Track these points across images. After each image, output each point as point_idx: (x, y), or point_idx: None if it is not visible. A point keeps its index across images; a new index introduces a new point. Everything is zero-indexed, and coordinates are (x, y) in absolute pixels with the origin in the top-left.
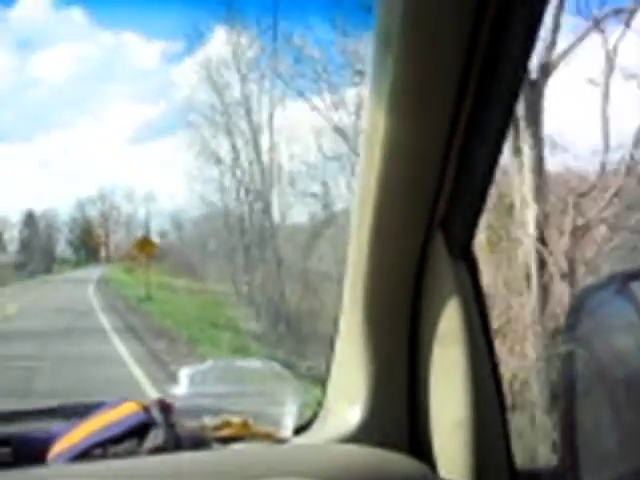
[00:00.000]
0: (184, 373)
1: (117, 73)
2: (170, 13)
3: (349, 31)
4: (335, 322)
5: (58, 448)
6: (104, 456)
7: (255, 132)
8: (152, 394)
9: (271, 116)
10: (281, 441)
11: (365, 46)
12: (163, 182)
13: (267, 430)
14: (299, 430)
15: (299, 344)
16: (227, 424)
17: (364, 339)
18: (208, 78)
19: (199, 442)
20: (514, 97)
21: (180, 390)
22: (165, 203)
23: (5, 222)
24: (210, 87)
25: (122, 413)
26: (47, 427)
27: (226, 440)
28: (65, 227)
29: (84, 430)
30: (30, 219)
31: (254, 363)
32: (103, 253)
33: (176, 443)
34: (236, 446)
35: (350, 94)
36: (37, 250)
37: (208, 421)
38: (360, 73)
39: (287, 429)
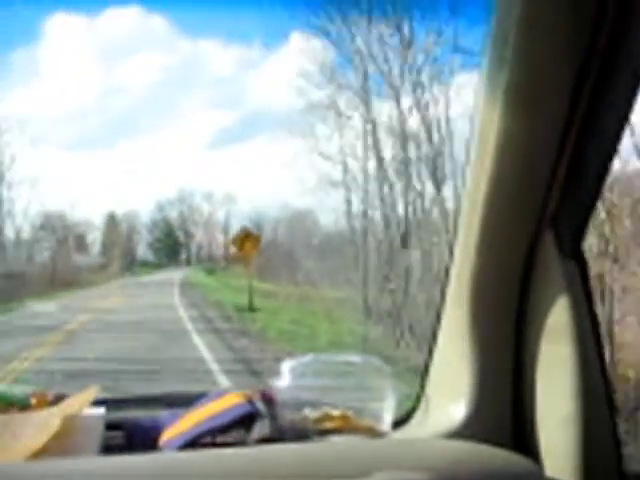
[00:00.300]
0: (286, 366)
1: (196, 80)
2: (247, 19)
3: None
4: (438, 317)
5: (168, 435)
6: (213, 445)
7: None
8: None
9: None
10: (380, 435)
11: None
12: (242, 185)
13: (366, 423)
14: (397, 424)
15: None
16: (327, 417)
17: (469, 335)
18: (286, 83)
19: (301, 434)
20: (630, 101)
21: (281, 382)
22: (244, 205)
23: (88, 225)
24: (288, 92)
25: (227, 404)
26: (153, 414)
27: (326, 433)
28: (145, 229)
29: (192, 419)
30: (112, 221)
31: (354, 357)
32: (183, 255)
33: (280, 434)
34: (337, 439)
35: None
36: (118, 252)
37: (309, 413)
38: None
39: (386, 423)
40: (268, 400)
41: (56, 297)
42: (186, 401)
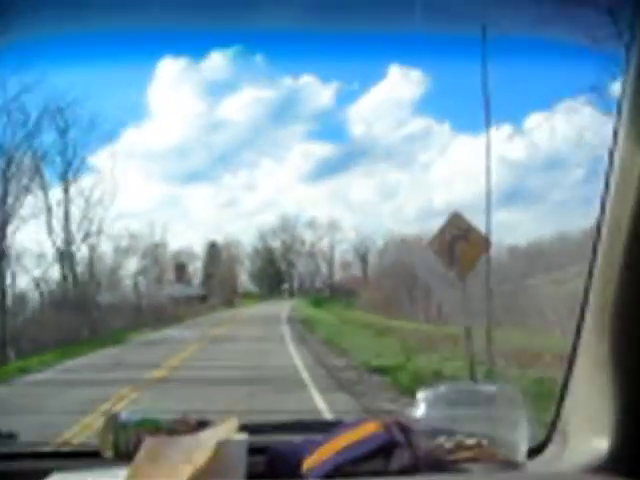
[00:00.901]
0: (420, 395)
1: (296, 114)
2: (344, 54)
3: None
4: (574, 346)
5: (310, 462)
6: (355, 474)
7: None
8: None
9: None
10: (515, 465)
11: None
12: (345, 214)
13: (501, 453)
14: (531, 453)
15: None
16: (462, 446)
17: (610, 367)
18: (383, 116)
19: (437, 463)
20: None
21: (416, 411)
22: (349, 233)
23: (191, 254)
24: (383, 125)
25: (366, 432)
26: (292, 439)
27: (461, 462)
28: (247, 259)
29: (333, 447)
30: (213, 250)
31: (488, 387)
32: (285, 285)
33: (417, 464)
34: (473, 469)
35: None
36: (219, 282)
37: (444, 442)
38: None
39: (521, 453)
40: (405, 429)
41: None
42: (323, 427)
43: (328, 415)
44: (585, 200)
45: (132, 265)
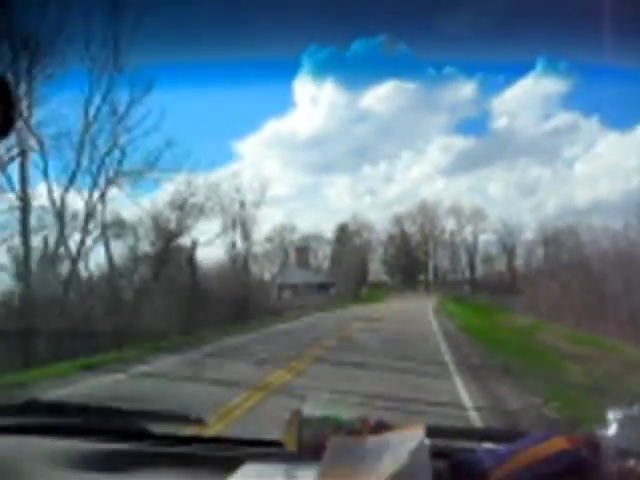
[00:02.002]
0: (613, 415)
1: (437, 106)
2: (490, 48)
3: None
4: None
5: (497, 474)
6: None
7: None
8: None
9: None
10: None
11: None
12: (490, 203)
13: None
14: None
15: None
16: None
17: None
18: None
19: None
20: None
21: (607, 430)
22: (494, 223)
23: (320, 239)
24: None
25: (554, 448)
26: (474, 446)
27: None
28: (380, 246)
29: (520, 460)
30: (343, 233)
31: None
32: (422, 277)
33: None
34: None
35: None
36: (346, 269)
37: (634, 466)
38: None
39: None
40: (594, 447)
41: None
42: (506, 436)
43: None
44: None
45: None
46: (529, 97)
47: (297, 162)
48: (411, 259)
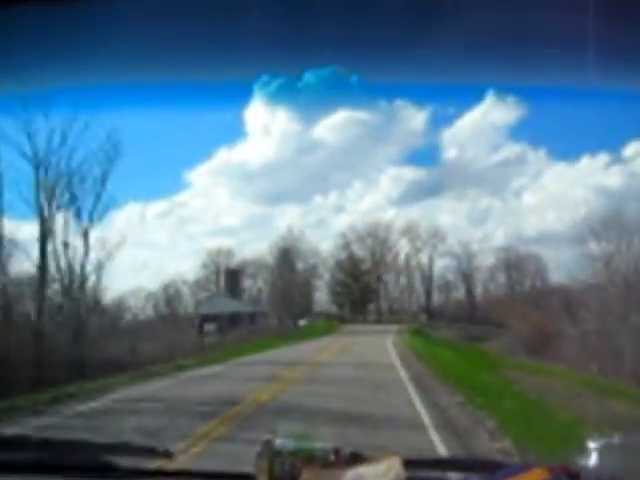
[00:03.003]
0: (592, 445)
1: (388, 137)
2: (440, 79)
3: None
4: None
5: None
6: None
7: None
8: None
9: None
10: None
11: None
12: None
13: None
14: None
15: None
16: None
17: None
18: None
19: None
20: None
21: (586, 460)
22: (453, 247)
23: (261, 266)
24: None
25: (533, 478)
26: (448, 476)
27: None
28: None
29: None
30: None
31: None
32: (373, 306)
33: None
34: None
35: None
36: (287, 299)
37: None
38: None
39: None
40: (573, 477)
41: None
42: (483, 467)
43: None
44: None
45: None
46: (478, 128)
47: (247, 192)
48: (361, 286)
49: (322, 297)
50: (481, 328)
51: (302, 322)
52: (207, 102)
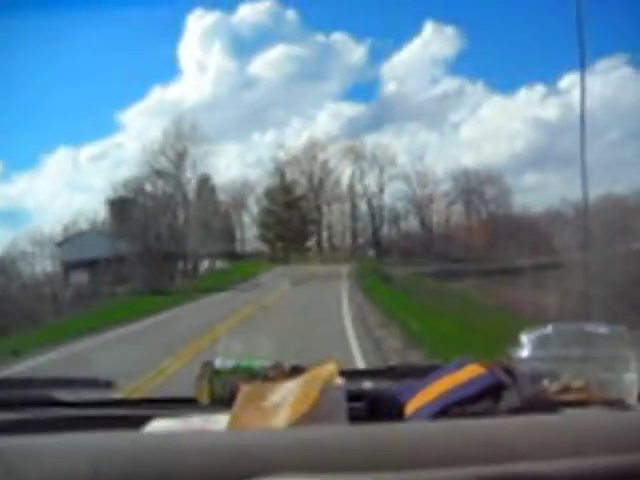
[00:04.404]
0: (526, 337)
1: (327, 72)
2: (377, 11)
3: None
4: None
5: (414, 405)
6: (462, 415)
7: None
8: None
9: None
10: (626, 408)
11: None
12: None
13: (611, 396)
14: None
15: None
16: (569, 389)
17: None
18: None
19: (543, 406)
20: None
21: (521, 353)
22: (405, 169)
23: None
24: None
25: (470, 375)
26: (389, 385)
27: (566, 405)
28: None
29: (436, 389)
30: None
31: (600, 328)
32: (312, 241)
33: (526, 406)
34: (579, 411)
35: None
36: (200, 237)
37: (549, 385)
38: None
39: (632, 396)
40: (509, 371)
41: None
42: (419, 372)
43: None
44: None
45: None
46: (417, 62)
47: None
48: (297, 216)
49: (251, 234)
50: (443, 264)
51: (204, 265)
52: (139, 38)
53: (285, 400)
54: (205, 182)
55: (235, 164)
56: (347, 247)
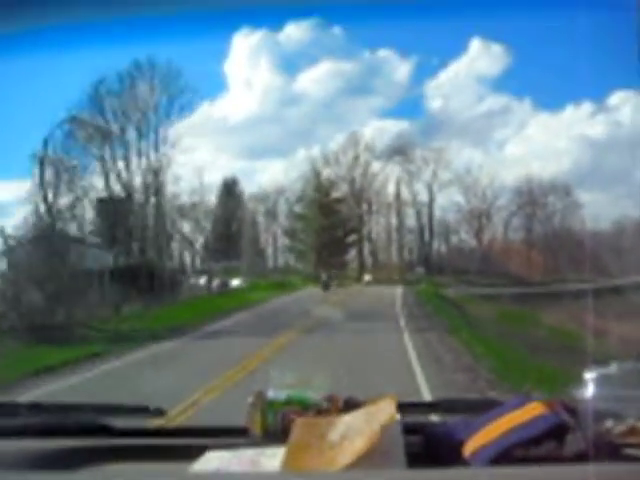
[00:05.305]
0: (589, 375)
1: (372, 89)
2: (424, 29)
3: None
4: None
5: (474, 444)
6: (525, 459)
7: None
8: None
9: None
10: None
11: None
12: None
13: None
14: None
15: None
16: (633, 431)
17: None
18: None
19: (610, 450)
20: None
21: (584, 392)
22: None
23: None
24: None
25: (532, 414)
26: (445, 418)
27: (633, 447)
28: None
29: (497, 428)
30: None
31: None
32: (349, 255)
33: (588, 449)
34: None
35: None
36: (223, 250)
37: (612, 425)
38: None
39: None
40: (571, 411)
41: None
42: (474, 407)
43: None
44: None
45: None
46: (463, 79)
47: (230, 147)
48: (335, 225)
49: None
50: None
51: (235, 283)
52: (187, 55)
53: (344, 438)
54: (231, 186)
55: (279, 179)
56: (393, 263)
